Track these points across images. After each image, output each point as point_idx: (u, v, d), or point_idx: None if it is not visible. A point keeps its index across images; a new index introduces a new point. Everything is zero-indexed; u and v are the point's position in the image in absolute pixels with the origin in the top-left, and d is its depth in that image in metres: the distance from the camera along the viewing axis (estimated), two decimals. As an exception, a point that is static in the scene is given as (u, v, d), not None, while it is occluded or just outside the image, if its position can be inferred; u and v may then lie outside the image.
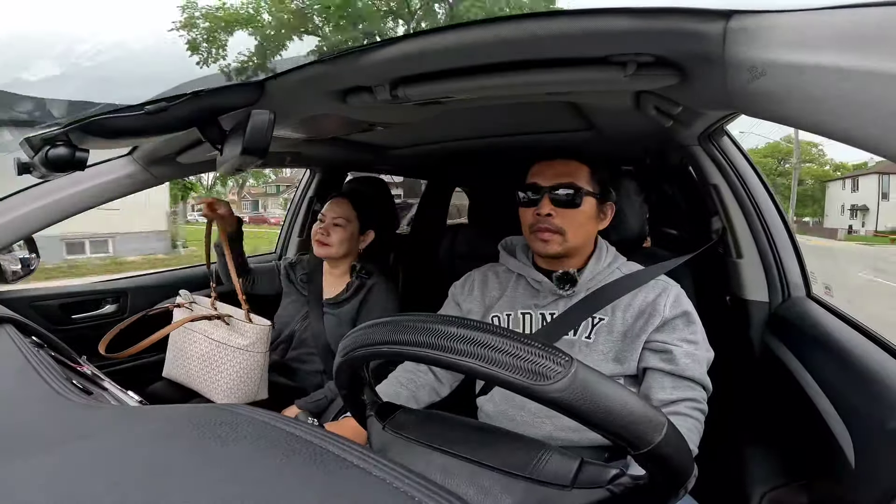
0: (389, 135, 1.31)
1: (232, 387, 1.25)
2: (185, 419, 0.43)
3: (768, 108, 0.50)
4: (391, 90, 0.75)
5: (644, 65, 0.62)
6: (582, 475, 0.49)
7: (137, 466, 0.36)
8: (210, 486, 0.32)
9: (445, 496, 0.31)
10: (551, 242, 0.95)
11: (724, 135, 1.16)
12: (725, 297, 1.25)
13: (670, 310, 0.92)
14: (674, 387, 0.89)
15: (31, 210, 1.04)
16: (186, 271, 1.83)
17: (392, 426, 0.58)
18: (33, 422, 0.48)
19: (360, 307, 1.41)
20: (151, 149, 1.07)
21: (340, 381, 0.59)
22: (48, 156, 0.74)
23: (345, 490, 0.32)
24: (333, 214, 1.39)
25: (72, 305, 1.39)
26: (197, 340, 1.28)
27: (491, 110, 1.01)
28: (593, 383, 0.40)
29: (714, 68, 0.54)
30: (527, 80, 0.68)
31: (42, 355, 0.67)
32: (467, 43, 0.61)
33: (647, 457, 0.42)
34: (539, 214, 0.95)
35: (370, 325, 0.50)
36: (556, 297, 0.98)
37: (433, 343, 0.44)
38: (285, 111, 0.84)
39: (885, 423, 0.68)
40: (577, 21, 0.55)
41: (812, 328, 0.98)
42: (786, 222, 1.18)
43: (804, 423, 0.89)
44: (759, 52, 0.46)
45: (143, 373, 1.38)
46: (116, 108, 0.70)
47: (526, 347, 0.40)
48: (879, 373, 0.75)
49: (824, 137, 0.43)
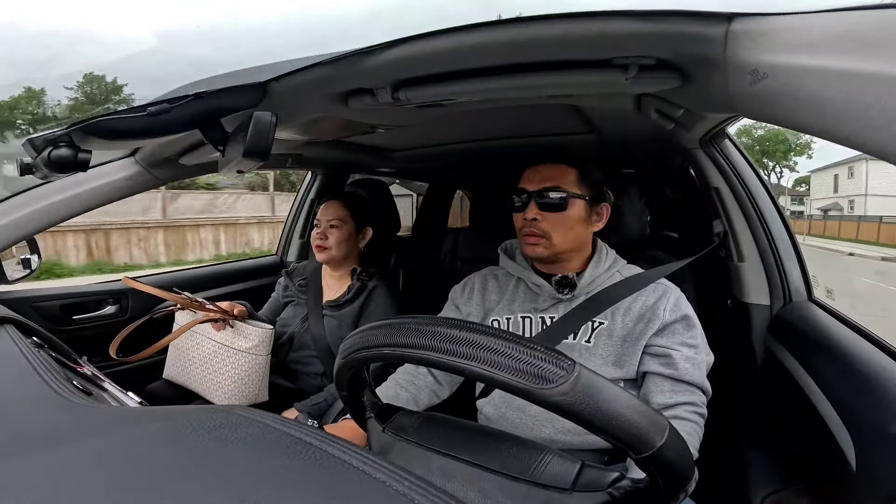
0: (391, 137, 1.31)
1: (233, 389, 1.25)
2: (185, 420, 0.43)
3: (770, 111, 0.50)
4: (393, 93, 0.75)
5: (646, 68, 0.62)
6: (582, 479, 0.49)
7: (137, 467, 0.36)
8: (210, 487, 0.32)
9: (445, 499, 0.31)
10: (537, 246, 0.96)
11: (725, 138, 1.16)
12: (727, 301, 1.25)
13: (670, 314, 0.92)
14: (673, 391, 0.88)
15: (34, 211, 1.04)
16: (185, 273, 1.83)
17: (392, 428, 0.58)
18: (33, 422, 0.48)
19: (361, 309, 1.41)
20: (154, 150, 1.07)
21: (340, 383, 0.59)
22: (51, 157, 0.74)
23: (345, 492, 0.32)
24: (328, 217, 1.40)
25: (72, 306, 1.39)
26: (200, 342, 1.28)
27: (492, 113, 1.01)
28: (596, 387, 0.40)
29: (716, 71, 0.54)
30: (528, 82, 0.68)
31: (42, 356, 0.67)
32: (469, 45, 0.61)
33: (649, 460, 0.41)
34: (525, 219, 0.96)
35: (372, 327, 0.50)
36: (555, 301, 0.98)
37: (435, 346, 0.43)
38: (287, 113, 0.84)
39: (887, 426, 0.67)
40: (578, 24, 0.55)
41: (814, 332, 0.97)
42: (787, 226, 1.18)
43: (805, 427, 0.89)
44: (760, 55, 0.46)
45: (142, 374, 1.38)
46: (119, 110, 0.71)
47: (528, 351, 0.40)
48: (881, 376, 0.74)
49: (825, 140, 0.43)
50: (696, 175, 1.30)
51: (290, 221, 2.03)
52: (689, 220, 1.53)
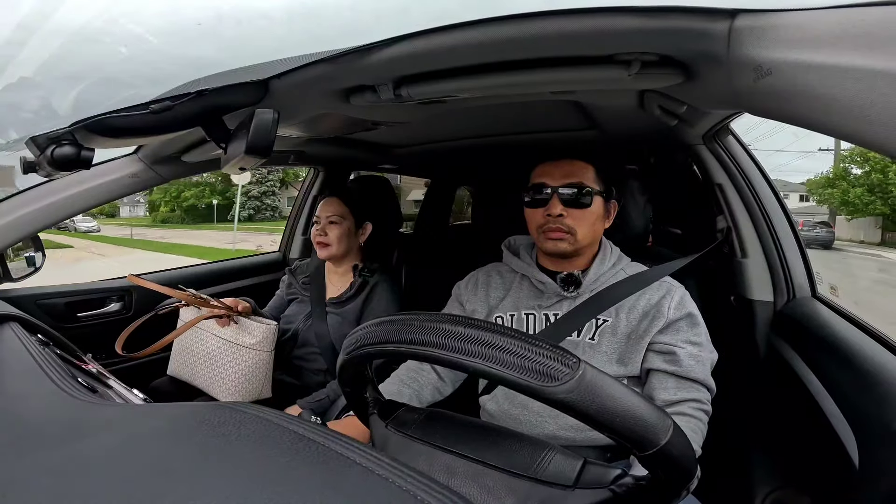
0: (393, 134, 1.31)
1: (237, 385, 1.25)
2: (189, 417, 0.43)
3: (774, 108, 0.50)
4: (395, 89, 0.75)
5: (649, 63, 0.62)
6: (585, 475, 0.49)
7: (142, 464, 0.36)
8: (214, 484, 0.32)
9: (449, 495, 0.31)
10: (562, 242, 0.96)
11: (728, 134, 1.15)
12: (730, 297, 1.25)
13: (674, 311, 0.92)
14: (677, 388, 0.88)
15: (37, 209, 1.05)
16: (190, 269, 1.84)
17: (395, 425, 0.58)
18: (39, 419, 0.48)
19: (364, 306, 1.41)
20: (156, 147, 1.07)
21: (344, 379, 0.59)
22: (53, 155, 0.74)
23: (348, 489, 0.32)
24: (327, 213, 1.41)
25: (77, 304, 1.40)
26: (204, 338, 1.29)
27: (495, 109, 1.01)
28: (601, 385, 0.40)
29: (719, 67, 0.54)
30: (531, 79, 0.68)
31: (48, 353, 0.68)
32: (471, 42, 0.60)
33: (653, 458, 0.41)
34: (550, 215, 0.95)
35: (376, 323, 0.50)
36: (559, 298, 0.98)
37: (440, 343, 0.43)
38: (289, 110, 0.84)
39: (890, 424, 0.67)
40: (581, 20, 0.54)
41: (817, 328, 0.97)
42: (791, 222, 1.18)
43: (808, 424, 0.89)
44: (764, 51, 0.46)
45: (147, 371, 1.39)
46: (121, 108, 0.71)
47: (534, 348, 0.40)
48: (885, 374, 0.74)
49: (830, 137, 0.43)
50: (699, 171, 1.30)
51: (293, 218, 2.04)
52: (693, 217, 1.52)
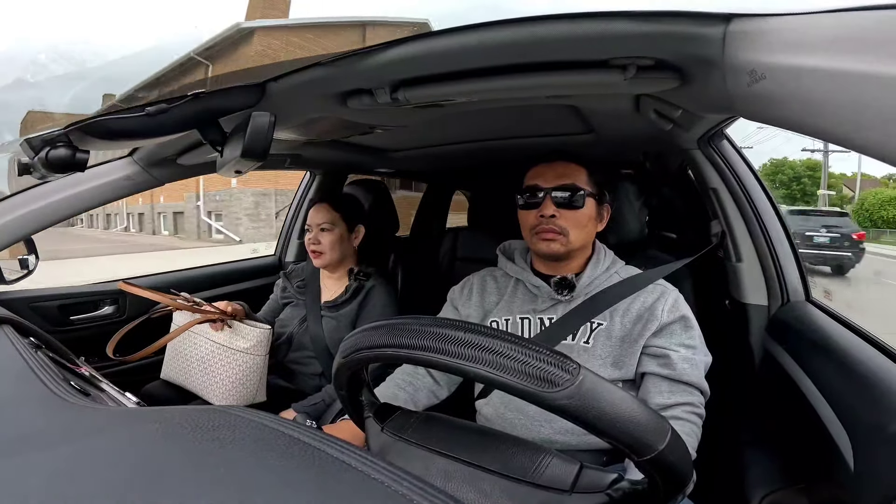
0: (389, 137, 1.31)
1: (231, 389, 1.25)
2: (183, 421, 0.42)
3: (768, 112, 0.50)
4: (391, 93, 0.75)
5: (644, 68, 0.62)
6: (581, 480, 0.49)
7: (135, 468, 0.36)
8: (208, 488, 0.32)
9: (445, 500, 0.31)
10: (554, 243, 0.96)
11: (723, 138, 1.16)
12: (725, 301, 1.25)
13: (668, 314, 0.92)
14: (671, 391, 0.89)
15: (31, 211, 1.04)
16: (183, 273, 1.82)
17: (390, 428, 0.58)
18: (31, 423, 0.48)
19: (359, 310, 1.40)
20: (152, 150, 1.07)
21: (339, 383, 0.58)
22: (48, 157, 0.74)
23: (343, 493, 0.32)
24: (318, 220, 1.40)
25: (70, 307, 1.39)
26: (198, 342, 1.28)
27: (491, 113, 1.01)
28: (601, 391, 0.40)
29: (714, 71, 0.54)
30: (527, 83, 0.68)
31: (40, 356, 0.67)
32: (468, 46, 0.61)
33: (650, 463, 0.41)
34: (543, 216, 0.96)
35: (373, 327, 0.50)
36: (554, 302, 0.98)
37: (440, 347, 0.43)
38: (286, 113, 0.84)
39: (884, 426, 0.67)
40: (577, 24, 0.55)
41: (811, 332, 0.97)
42: (785, 226, 1.18)
43: (803, 427, 0.89)
44: (758, 56, 0.46)
45: (140, 374, 1.38)
46: (117, 109, 0.70)
47: (533, 353, 0.40)
48: (879, 377, 0.74)
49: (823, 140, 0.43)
50: (694, 176, 1.30)
51: (289, 222, 2.03)
52: (688, 221, 1.53)
